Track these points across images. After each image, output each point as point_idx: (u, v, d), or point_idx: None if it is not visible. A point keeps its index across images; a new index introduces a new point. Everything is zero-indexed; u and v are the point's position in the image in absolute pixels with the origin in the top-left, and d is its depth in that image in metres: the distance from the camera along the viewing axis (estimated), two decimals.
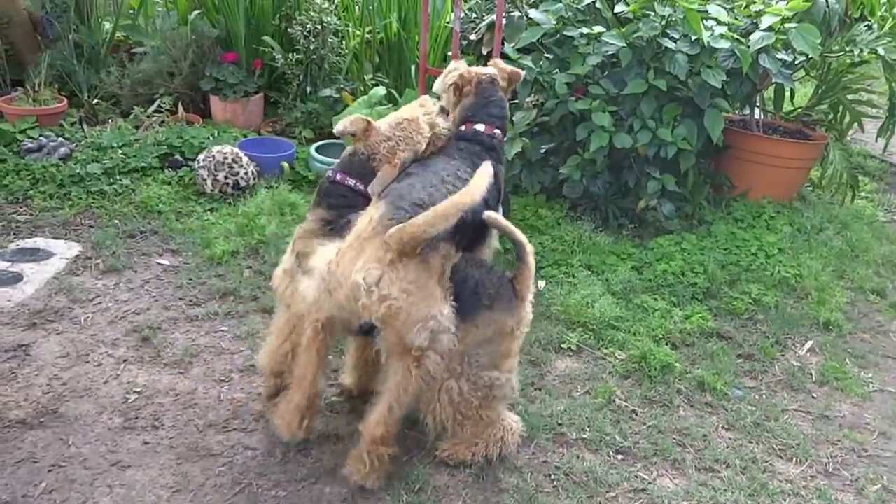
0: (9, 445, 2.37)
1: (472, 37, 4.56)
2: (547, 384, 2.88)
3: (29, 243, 3.56)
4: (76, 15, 5.15)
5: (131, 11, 5.81)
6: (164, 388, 2.69)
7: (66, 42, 5.06)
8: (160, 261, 3.53)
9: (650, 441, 2.63)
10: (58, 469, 2.30)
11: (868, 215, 4.70)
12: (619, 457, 2.56)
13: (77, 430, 2.45)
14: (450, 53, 4.23)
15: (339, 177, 2.47)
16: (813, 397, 2.99)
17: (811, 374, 3.13)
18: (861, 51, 4.18)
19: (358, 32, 5.34)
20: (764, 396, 2.96)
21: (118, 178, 4.16)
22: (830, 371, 3.14)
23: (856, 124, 4.67)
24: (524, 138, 4.09)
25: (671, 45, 3.77)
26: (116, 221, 3.82)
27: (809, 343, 3.35)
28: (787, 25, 3.85)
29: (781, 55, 3.89)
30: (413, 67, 5.12)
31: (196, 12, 5.24)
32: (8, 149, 4.29)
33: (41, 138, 4.34)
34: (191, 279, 3.38)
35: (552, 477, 2.43)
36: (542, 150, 4.21)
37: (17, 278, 3.26)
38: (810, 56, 3.96)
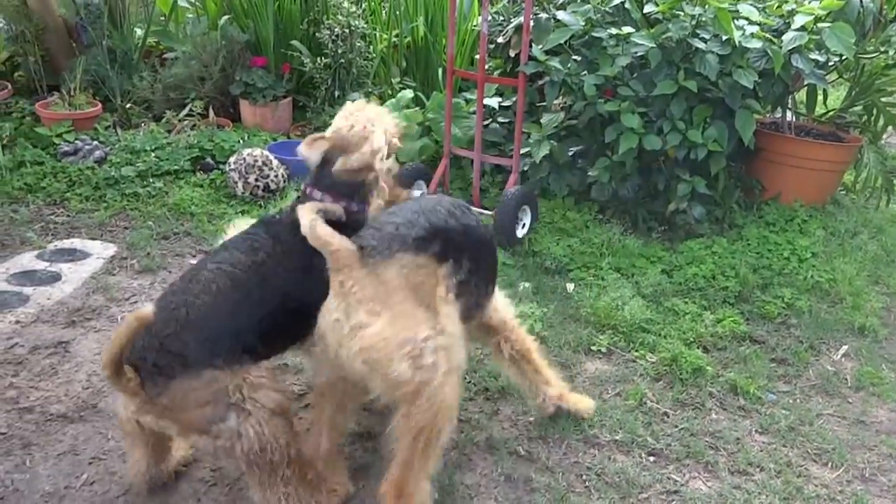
0: (51, 438, 2.42)
1: (500, 39, 4.57)
2: (577, 386, 2.87)
3: (66, 244, 3.64)
4: (109, 21, 5.26)
5: (162, 18, 5.91)
6: None
7: (100, 48, 5.16)
8: (193, 261, 3.58)
9: (682, 443, 2.61)
10: (98, 462, 2.34)
11: None
12: (651, 458, 2.55)
13: (116, 425, 2.47)
14: (477, 56, 4.25)
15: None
16: (848, 402, 2.95)
17: (846, 379, 3.09)
18: None
19: (385, 36, 5.38)
20: (798, 401, 2.92)
21: (151, 180, 4.23)
22: (866, 376, 3.09)
23: (890, 127, 4.60)
24: (552, 141, 4.08)
25: (701, 45, 3.73)
26: (150, 223, 3.88)
27: (844, 348, 3.30)
28: (820, 25, 3.79)
29: (814, 55, 3.83)
30: (440, 70, 5.15)
31: (225, 17, 5.32)
32: (45, 152, 4.39)
33: (77, 142, 4.43)
34: None
35: (584, 477, 2.42)
36: (571, 153, 4.20)
37: (55, 277, 3.33)
38: (844, 57, 3.90)
